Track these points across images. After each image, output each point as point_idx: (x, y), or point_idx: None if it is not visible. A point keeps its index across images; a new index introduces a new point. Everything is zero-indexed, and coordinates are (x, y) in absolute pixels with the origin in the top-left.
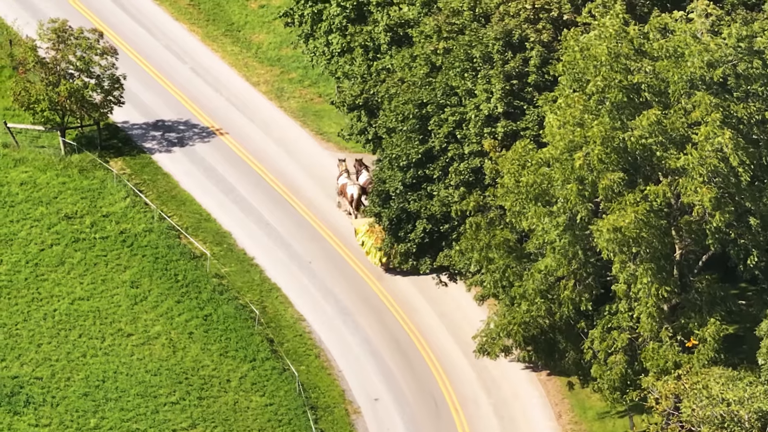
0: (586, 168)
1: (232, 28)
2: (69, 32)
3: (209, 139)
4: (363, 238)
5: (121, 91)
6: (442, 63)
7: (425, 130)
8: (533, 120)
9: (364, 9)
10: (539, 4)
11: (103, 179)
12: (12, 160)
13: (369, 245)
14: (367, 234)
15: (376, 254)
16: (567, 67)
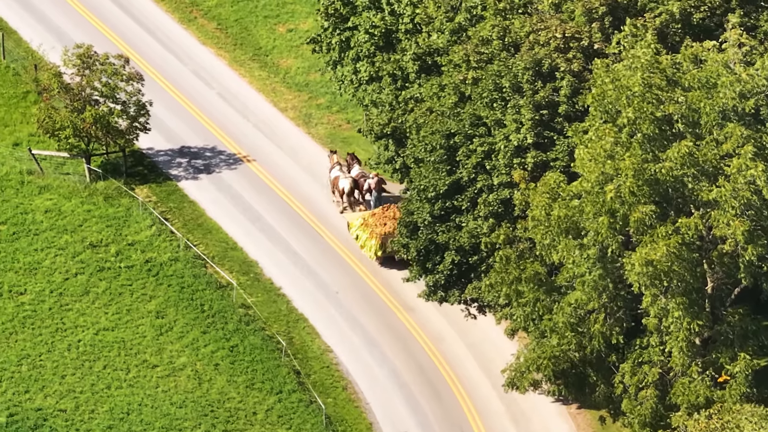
0: (617, 201)
1: (260, 52)
2: (94, 58)
3: (236, 165)
4: (357, 232)
5: (146, 117)
6: (471, 93)
7: (453, 161)
8: (563, 150)
9: (393, 37)
10: (569, 33)
11: (129, 207)
12: (37, 187)
13: (363, 239)
14: (361, 228)
15: (371, 248)
16: (597, 99)
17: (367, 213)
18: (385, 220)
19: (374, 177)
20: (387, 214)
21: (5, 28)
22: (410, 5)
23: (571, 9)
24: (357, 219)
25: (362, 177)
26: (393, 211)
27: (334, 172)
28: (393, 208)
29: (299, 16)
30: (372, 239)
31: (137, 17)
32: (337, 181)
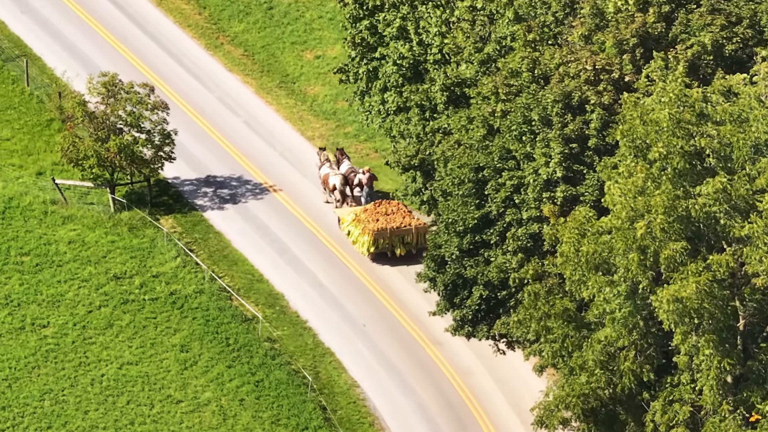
0: (648, 237)
1: (287, 79)
2: (119, 86)
3: (262, 195)
4: (349, 228)
5: (172, 146)
6: (500, 125)
7: (482, 195)
8: (593, 185)
9: (421, 67)
10: (600, 65)
11: (153, 238)
12: (60, 217)
13: (356, 234)
14: (353, 223)
15: (363, 243)
16: (626, 134)
17: (359, 209)
18: (377, 215)
19: (365, 173)
20: (379, 209)
21: (30, 55)
22: (439, 35)
23: (602, 40)
24: (348, 214)
25: (352, 173)
26: (385, 207)
27: (324, 169)
28: (385, 204)
29: (327, 42)
30: (364, 235)
31: (163, 43)
32: (327, 178)
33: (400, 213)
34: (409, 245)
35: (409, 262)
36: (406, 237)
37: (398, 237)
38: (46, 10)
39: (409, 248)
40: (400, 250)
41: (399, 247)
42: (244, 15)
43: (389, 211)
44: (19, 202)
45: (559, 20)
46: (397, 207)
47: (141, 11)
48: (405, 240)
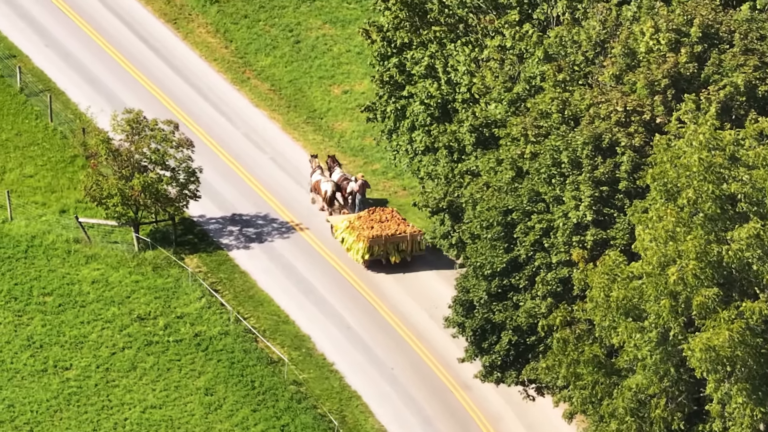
0: (679, 284)
1: (314, 115)
2: (143, 123)
3: (289, 234)
4: (343, 235)
5: (197, 184)
6: (529, 168)
7: (511, 238)
8: (624, 228)
9: (449, 106)
10: (631, 106)
11: (178, 278)
12: (84, 256)
13: (350, 242)
14: (347, 230)
15: (358, 251)
16: (656, 178)
17: (353, 216)
18: (371, 223)
19: (358, 180)
20: (373, 217)
21: (53, 89)
22: (467, 74)
23: (633, 80)
24: (342, 222)
25: (344, 180)
26: (379, 214)
27: (315, 176)
28: (379, 211)
29: (355, 76)
30: (359, 242)
31: (189, 78)
32: (318, 185)
33: (394, 220)
34: (404, 252)
35: (404, 270)
36: (401, 244)
37: (393, 244)
38: (69, 43)
39: (404, 256)
40: (394, 257)
41: (394, 254)
42: (271, 49)
43: (383, 218)
44: (42, 240)
45: (590, 60)
46: (392, 214)
47: (167, 45)
48: (400, 247)
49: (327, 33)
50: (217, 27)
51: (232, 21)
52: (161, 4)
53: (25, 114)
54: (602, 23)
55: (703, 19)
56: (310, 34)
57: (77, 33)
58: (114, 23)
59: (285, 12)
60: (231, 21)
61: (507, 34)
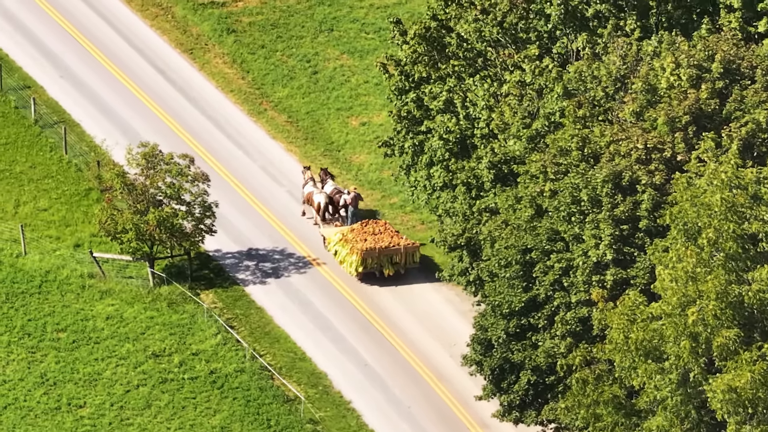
0: (700, 324)
1: (332, 147)
2: (159, 157)
3: (305, 269)
4: (336, 248)
5: (213, 219)
6: (548, 206)
7: (530, 277)
8: (644, 268)
9: (468, 142)
10: (651, 143)
11: (194, 314)
12: (98, 292)
13: (343, 254)
14: (340, 243)
15: (351, 263)
16: (677, 217)
17: (346, 228)
18: (364, 235)
19: (350, 192)
20: (366, 229)
21: (68, 121)
22: (486, 109)
23: (654, 117)
24: (335, 234)
25: (337, 192)
26: (372, 227)
27: (308, 187)
28: (372, 224)
29: (373, 108)
30: (353, 255)
31: (205, 109)
32: (311, 197)
33: (387, 233)
34: (398, 265)
35: (396, 282)
36: (395, 257)
37: (387, 257)
38: (85, 74)
39: (397, 268)
40: (388, 270)
41: (387, 267)
42: (289, 80)
43: (376, 231)
44: (56, 275)
45: (610, 95)
46: (384, 227)
47: (183, 76)
48: (393, 260)
49: (345, 64)
50: (233, 57)
51: (249, 51)
52: (177, 34)
53: (40, 146)
54: (623, 58)
55: (725, 54)
56: (328, 64)
57: (93, 64)
58: (130, 54)
59: (302, 42)
60: (248, 51)
61: (527, 69)
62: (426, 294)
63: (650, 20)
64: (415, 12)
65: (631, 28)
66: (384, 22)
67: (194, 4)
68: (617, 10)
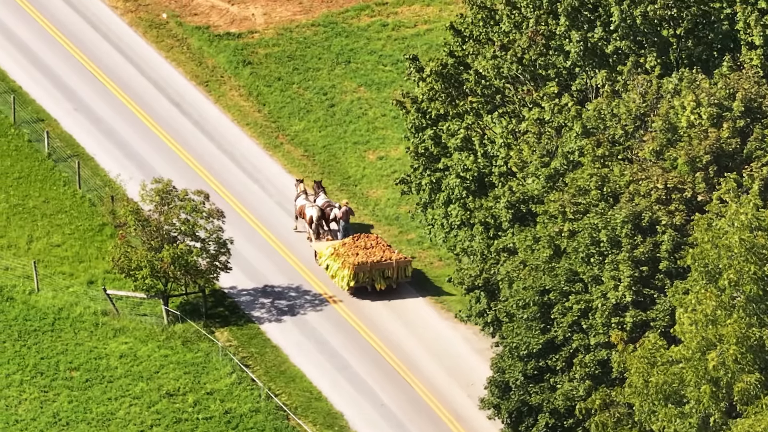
0: (720, 369)
1: (348, 182)
2: (173, 193)
3: (321, 307)
4: (327, 262)
5: (228, 256)
6: (567, 246)
7: (548, 319)
8: (664, 310)
9: (486, 180)
10: (672, 183)
11: (208, 352)
12: (112, 329)
13: (335, 269)
14: (332, 257)
15: (343, 278)
16: (697, 259)
17: (338, 242)
18: (356, 249)
19: (341, 207)
20: (358, 243)
21: (82, 155)
22: (504, 147)
23: (674, 156)
24: (327, 248)
25: (329, 206)
26: (364, 241)
27: (300, 200)
28: (363, 238)
29: (390, 142)
30: (344, 269)
31: (220, 143)
32: (303, 210)
33: (379, 247)
34: (390, 279)
35: (389, 297)
36: (387, 271)
37: (379, 271)
38: (99, 107)
39: (389, 282)
40: (380, 284)
41: (379, 281)
42: (305, 113)
43: (368, 245)
44: (69, 313)
45: (629, 133)
46: (376, 241)
47: (199, 109)
48: (385, 274)
49: (362, 96)
50: (249, 90)
51: (266, 84)
52: (193, 66)
53: (53, 180)
54: (642, 96)
55: (746, 92)
56: (345, 97)
57: (107, 96)
58: (145, 86)
59: (319, 74)
60: (264, 84)
61: (545, 106)
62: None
63: (671, 56)
64: (433, 43)
65: (651, 65)
66: (402, 53)
67: (210, 36)
68: (637, 47)
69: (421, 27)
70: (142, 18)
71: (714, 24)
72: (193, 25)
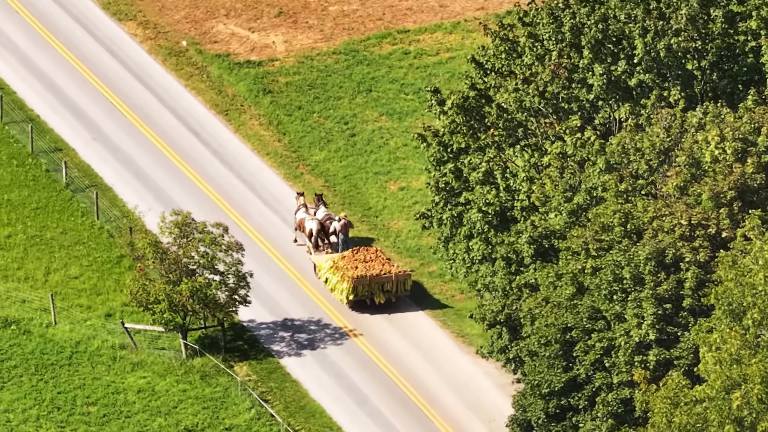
0: (744, 409)
1: (369, 213)
2: (192, 226)
3: (342, 341)
4: (326, 275)
5: (247, 289)
6: (589, 283)
7: (570, 357)
8: (688, 348)
9: (508, 214)
10: (696, 219)
11: (227, 387)
12: (130, 363)
13: (334, 282)
14: (331, 270)
15: (342, 291)
16: (721, 297)
17: (337, 256)
18: (355, 263)
19: (341, 220)
20: (357, 257)
21: (100, 185)
22: (526, 181)
23: (698, 192)
24: (326, 262)
25: (328, 219)
26: (363, 254)
27: (300, 213)
28: (363, 251)
29: (412, 172)
30: (344, 282)
31: (240, 173)
32: (303, 223)
33: (378, 260)
34: (389, 293)
35: (389, 310)
36: (386, 285)
37: (378, 284)
38: (117, 136)
39: (388, 296)
40: (379, 298)
41: (378, 295)
42: (326, 142)
43: (367, 258)
44: (87, 346)
45: (653, 168)
46: (376, 254)
47: (218, 138)
48: (384, 288)
49: (383, 126)
50: (270, 119)
51: (286, 113)
52: (213, 95)
53: (71, 211)
54: (666, 130)
55: None
56: (366, 126)
57: (125, 125)
58: (163, 114)
59: (340, 103)
60: (284, 113)
61: (568, 140)
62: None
63: (695, 89)
64: (455, 72)
65: (676, 99)
66: (423, 82)
67: (230, 64)
68: (661, 80)
69: (444, 55)
70: (162, 45)
71: (739, 57)
72: (213, 52)
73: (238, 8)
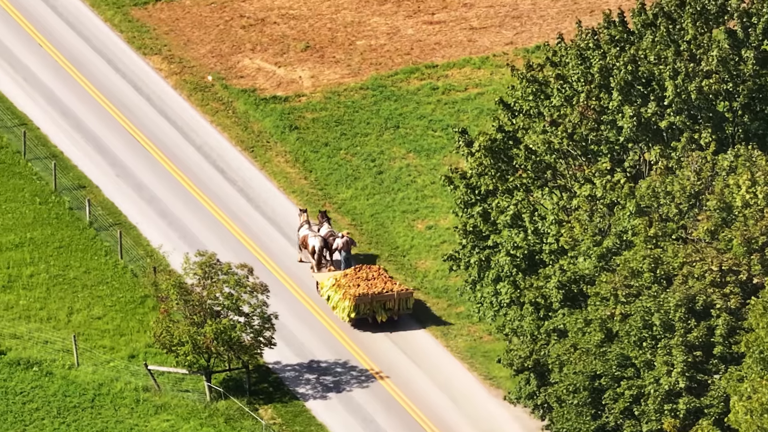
0: None
1: (396, 252)
2: (216, 267)
3: (368, 383)
4: (329, 293)
5: (272, 331)
6: (619, 330)
7: (599, 404)
8: (718, 396)
9: (536, 257)
10: (726, 265)
11: (252, 430)
12: (153, 406)
13: (336, 300)
14: (333, 288)
15: (344, 309)
16: (751, 345)
17: (339, 273)
18: (358, 281)
19: (343, 237)
20: (359, 274)
21: (124, 223)
22: (555, 224)
23: (729, 237)
24: (328, 279)
25: (331, 236)
26: (366, 272)
27: (303, 230)
28: (365, 269)
29: (440, 211)
30: (345, 300)
31: (266, 212)
32: (306, 240)
33: (381, 278)
34: (391, 311)
35: (391, 329)
36: (388, 303)
37: (380, 303)
38: (142, 174)
39: (390, 314)
40: (381, 316)
41: (380, 313)
42: (353, 180)
43: (370, 276)
44: (110, 388)
45: (683, 212)
46: (378, 272)
47: (244, 175)
48: (387, 306)
49: (411, 163)
50: (296, 156)
51: (312, 149)
52: (238, 131)
53: (95, 250)
54: (697, 173)
55: None
56: (393, 164)
57: (150, 162)
58: (189, 152)
59: (367, 140)
60: (311, 149)
61: (597, 183)
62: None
63: (726, 131)
64: (484, 108)
65: (706, 141)
66: (452, 118)
67: (256, 99)
68: (692, 122)
69: (472, 90)
70: (187, 80)
71: None
72: (238, 88)
73: (264, 42)
